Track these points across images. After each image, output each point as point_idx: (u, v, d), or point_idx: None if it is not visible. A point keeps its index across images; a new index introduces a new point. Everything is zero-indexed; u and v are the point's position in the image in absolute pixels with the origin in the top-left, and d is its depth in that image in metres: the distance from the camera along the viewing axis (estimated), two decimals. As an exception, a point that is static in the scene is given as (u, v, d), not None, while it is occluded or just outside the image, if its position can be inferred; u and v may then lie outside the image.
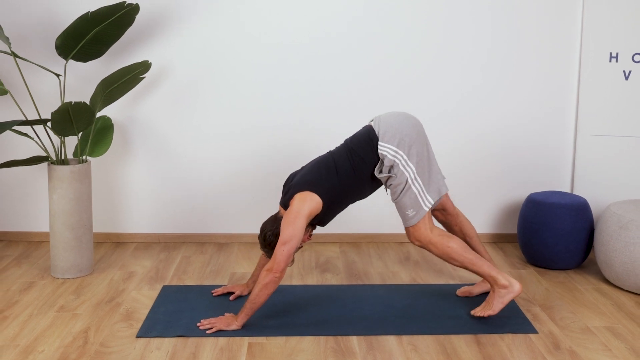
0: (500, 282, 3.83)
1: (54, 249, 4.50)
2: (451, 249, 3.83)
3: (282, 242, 3.64)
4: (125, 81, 4.56)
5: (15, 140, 5.08)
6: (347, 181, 3.82)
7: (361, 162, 3.82)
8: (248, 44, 5.00)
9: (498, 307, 3.84)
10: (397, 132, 3.78)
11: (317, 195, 3.75)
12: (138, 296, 4.23)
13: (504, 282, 3.82)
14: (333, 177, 3.80)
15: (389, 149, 3.77)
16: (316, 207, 3.75)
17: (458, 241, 3.86)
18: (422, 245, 3.89)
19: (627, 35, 4.97)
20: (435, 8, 4.98)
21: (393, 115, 3.88)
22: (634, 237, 4.20)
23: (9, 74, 4.97)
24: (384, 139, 3.78)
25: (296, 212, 3.69)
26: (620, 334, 3.77)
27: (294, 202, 3.74)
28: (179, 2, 4.93)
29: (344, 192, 3.85)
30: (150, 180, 5.17)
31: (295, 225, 3.66)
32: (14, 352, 3.49)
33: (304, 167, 3.94)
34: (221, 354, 3.49)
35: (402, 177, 3.78)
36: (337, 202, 3.85)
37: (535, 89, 5.12)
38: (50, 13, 4.92)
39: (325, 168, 3.83)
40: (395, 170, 3.78)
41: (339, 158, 3.86)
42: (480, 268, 3.85)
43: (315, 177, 3.80)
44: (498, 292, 3.85)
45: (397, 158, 3.77)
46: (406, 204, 3.82)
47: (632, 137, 5.02)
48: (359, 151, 3.83)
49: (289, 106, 5.08)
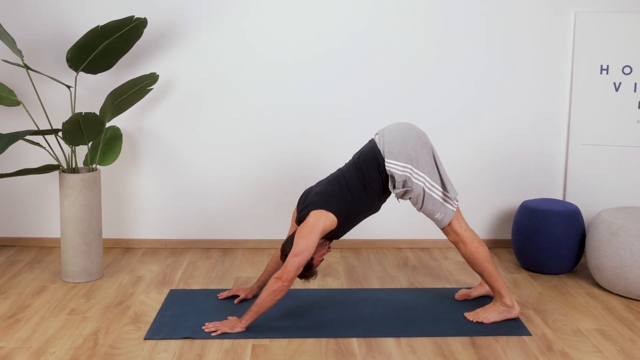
0: (505, 301, 3.93)
1: (65, 254, 4.51)
2: (478, 254, 3.89)
3: (294, 254, 3.65)
4: (133, 92, 4.58)
5: (28, 150, 5.09)
6: (359, 198, 3.82)
7: (370, 180, 3.82)
8: (251, 58, 5.02)
9: (493, 318, 3.91)
10: (401, 148, 3.78)
11: (331, 213, 3.76)
12: (146, 300, 4.23)
13: (508, 302, 3.94)
14: (346, 195, 3.80)
15: (397, 165, 3.77)
16: (330, 224, 3.76)
17: (486, 250, 3.92)
18: (454, 242, 3.94)
19: (617, 49, 4.99)
20: (433, 23, 4.99)
21: (395, 130, 3.86)
22: (624, 243, 4.21)
23: (22, 85, 4.98)
24: (390, 157, 3.77)
25: (311, 227, 3.71)
26: (610, 336, 3.77)
27: (310, 218, 3.74)
28: (185, 17, 4.95)
29: (357, 209, 3.85)
30: (158, 188, 5.18)
31: (308, 239, 3.68)
32: (26, 353, 3.50)
33: (318, 184, 3.94)
34: (226, 355, 3.50)
35: (417, 188, 3.79)
36: (350, 219, 3.86)
37: (530, 100, 5.13)
38: (61, 27, 4.94)
39: (338, 186, 3.83)
40: (409, 184, 3.79)
41: (350, 176, 3.85)
42: (495, 282, 3.93)
43: (329, 195, 3.80)
44: (499, 307, 3.95)
45: (407, 172, 3.77)
46: (432, 210, 3.85)
47: (622, 147, 5.04)
48: (367, 170, 3.83)
49: (291, 117, 5.09)
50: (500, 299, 3.94)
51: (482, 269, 3.91)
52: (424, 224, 5.00)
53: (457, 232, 3.90)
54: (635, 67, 4.98)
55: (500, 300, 3.94)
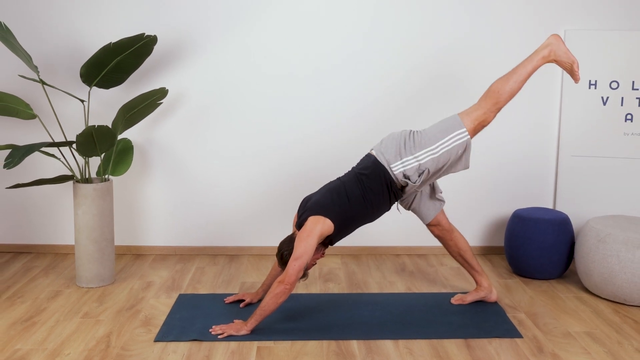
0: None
1: (79, 261, 4.52)
2: (500, 98, 3.87)
3: (294, 258, 3.67)
4: (144, 106, 4.59)
5: (44, 161, 5.11)
6: (357, 207, 3.84)
7: (370, 192, 3.83)
8: (256, 73, 5.04)
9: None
10: (395, 149, 3.82)
11: (329, 219, 3.77)
12: (156, 304, 4.25)
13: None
14: (344, 202, 3.81)
15: (401, 164, 3.80)
16: (328, 229, 3.77)
17: (495, 92, 3.88)
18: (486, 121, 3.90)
19: (604, 65, 5.02)
20: (429, 42, 5.02)
21: (387, 139, 3.91)
22: (611, 250, 4.22)
23: (38, 99, 5.00)
24: (393, 162, 3.81)
25: (309, 232, 3.72)
26: (598, 338, 3.79)
27: (308, 223, 3.75)
28: (193, 34, 4.98)
29: (354, 217, 3.86)
30: (167, 197, 5.20)
31: (307, 243, 3.69)
32: (42, 355, 3.52)
33: (317, 192, 3.96)
34: (232, 356, 3.51)
35: (427, 163, 3.78)
36: (347, 225, 3.87)
37: (521, 113, 5.14)
38: (75, 44, 4.97)
39: (337, 194, 3.84)
40: (422, 167, 3.78)
41: (349, 185, 3.86)
42: (528, 65, 3.94)
43: (327, 202, 3.82)
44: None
45: (411, 163, 3.79)
46: (452, 151, 3.82)
47: (609, 158, 5.06)
48: (368, 181, 3.84)
49: (294, 130, 5.10)
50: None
51: (524, 72, 3.93)
52: (421, 231, 5.00)
53: (481, 116, 3.87)
54: (622, 82, 5.00)
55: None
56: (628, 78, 5.00)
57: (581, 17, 5.02)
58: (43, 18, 4.93)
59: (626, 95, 5.01)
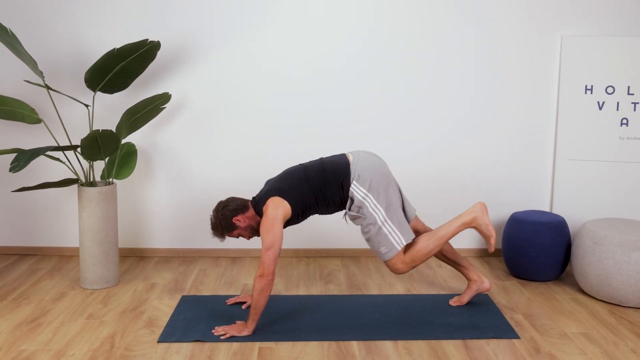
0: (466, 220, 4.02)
1: (83, 263, 4.53)
2: (417, 257, 3.94)
3: (266, 248, 3.69)
4: (147, 111, 4.59)
5: (49, 165, 5.12)
6: (315, 195, 3.89)
7: (328, 190, 3.89)
8: (258, 77, 5.05)
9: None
10: (370, 177, 3.85)
11: (287, 202, 3.82)
12: (159, 305, 4.25)
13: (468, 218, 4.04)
14: (303, 187, 3.87)
15: (360, 191, 3.84)
16: (287, 212, 3.82)
17: (415, 246, 3.95)
18: (396, 272, 4.00)
19: (600, 70, 5.02)
20: (426, 47, 5.02)
21: (370, 159, 3.93)
22: (607, 252, 4.23)
23: (43, 104, 5.02)
24: (358, 181, 3.84)
25: (272, 219, 3.75)
26: (594, 339, 3.79)
27: (268, 209, 3.79)
28: (196, 39, 4.99)
29: (310, 204, 3.91)
30: (171, 200, 5.20)
31: (274, 231, 3.72)
32: (47, 355, 3.52)
33: (278, 175, 4.02)
34: (234, 357, 3.52)
35: (371, 217, 3.85)
36: (303, 211, 3.92)
37: (518, 118, 5.15)
38: (80, 50, 4.98)
39: (297, 179, 3.90)
40: (364, 211, 3.85)
41: (312, 173, 3.92)
42: (449, 228, 3.97)
43: (286, 185, 3.87)
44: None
45: (367, 200, 3.83)
46: (380, 242, 3.89)
47: (605, 162, 5.06)
48: (332, 175, 3.89)
49: (295, 132, 5.11)
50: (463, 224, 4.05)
51: (431, 249, 3.95)
52: (420, 234, 5.02)
53: (397, 268, 3.95)
54: (617, 87, 5.01)
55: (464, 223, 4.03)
56: (624, 83, 5.01)
57: (577, 23, 5.03)
58: (48, 24, 4.95)
59: (622, 100, 5.02)
